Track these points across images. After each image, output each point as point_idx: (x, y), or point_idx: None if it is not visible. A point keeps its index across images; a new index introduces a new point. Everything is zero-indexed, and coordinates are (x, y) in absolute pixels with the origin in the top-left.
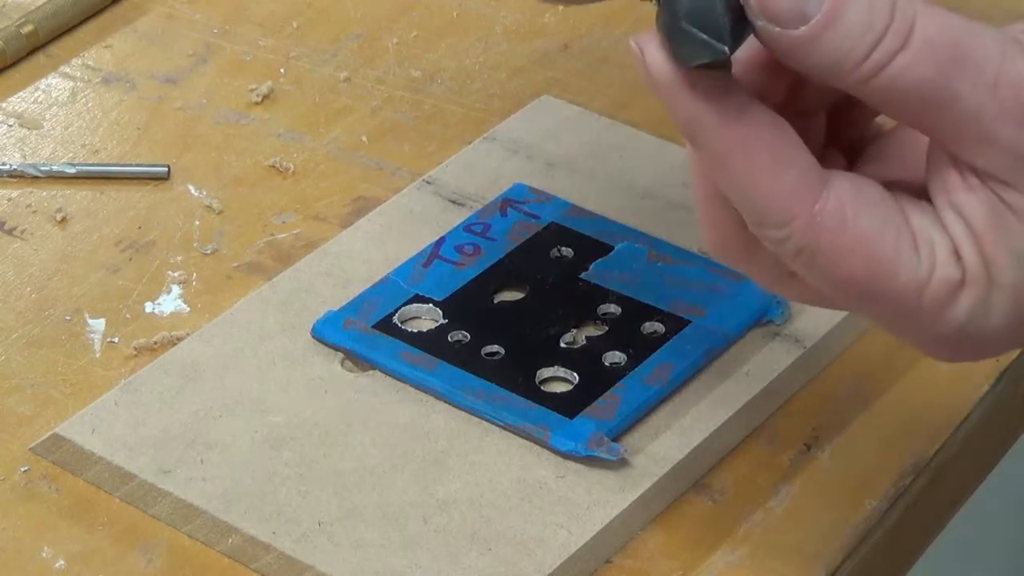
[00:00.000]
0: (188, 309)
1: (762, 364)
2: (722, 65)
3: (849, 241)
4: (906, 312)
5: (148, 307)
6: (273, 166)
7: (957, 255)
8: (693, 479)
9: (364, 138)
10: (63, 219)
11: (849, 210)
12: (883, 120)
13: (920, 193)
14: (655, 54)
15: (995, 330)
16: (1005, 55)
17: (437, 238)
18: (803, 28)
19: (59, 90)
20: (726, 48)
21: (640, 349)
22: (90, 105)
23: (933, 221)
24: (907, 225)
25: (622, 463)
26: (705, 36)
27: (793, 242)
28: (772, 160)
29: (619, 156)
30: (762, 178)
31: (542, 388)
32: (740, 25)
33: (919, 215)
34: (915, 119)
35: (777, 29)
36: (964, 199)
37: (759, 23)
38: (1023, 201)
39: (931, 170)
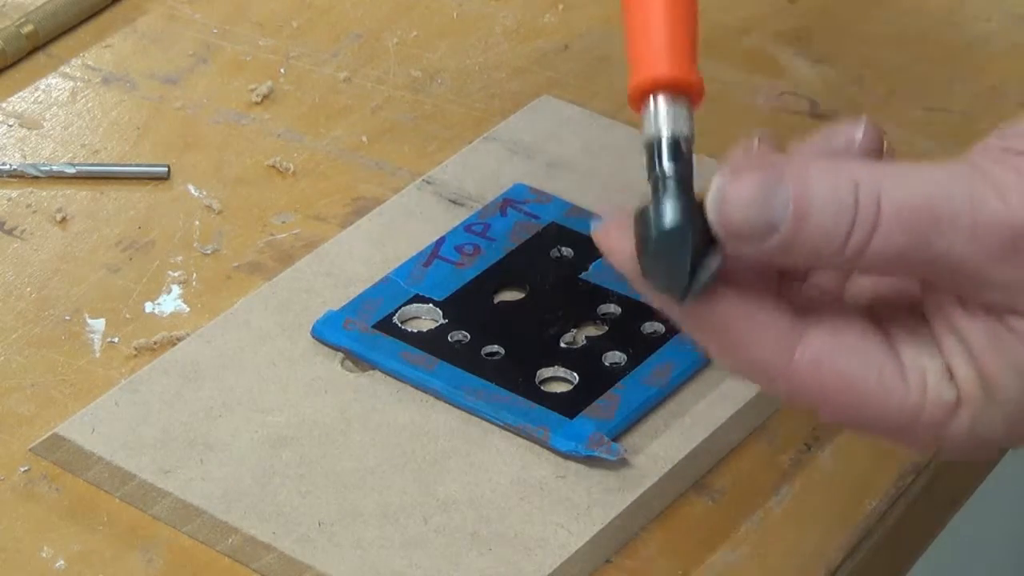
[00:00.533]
0: (188, 309)
1: None
2: None
3: (831, 385)
4: (906, 435)
5: (148, 307)
6: (273, 166)
7: (950, 374)
8: (693, 479)
9: (364, 138)
10: (63, 219)
11: (825, 358)
12: None
13: (918, 303)
14: (619, 243)
15: (998, 438)
16: (975, 199)
17: (437, 238)
18: (775, 237)
19: (59, 90)
20: (681, 298)
21: (640, 349)
22: (90, 105)
23: (925, 346)
24: (893, 358)
25: (622, 463)
26: (666, 279)
27: (781, 391)
28: (743, 335)
29: (619, 156)
30: (736, 351)
31: (542, 388)
32: (709, 256)
33: (909, 342)
34: (905, 275)
35: (757, 245)
36: (963, 324)
37: (736, 246)
38: (1022, 323)
39: (927, 295)
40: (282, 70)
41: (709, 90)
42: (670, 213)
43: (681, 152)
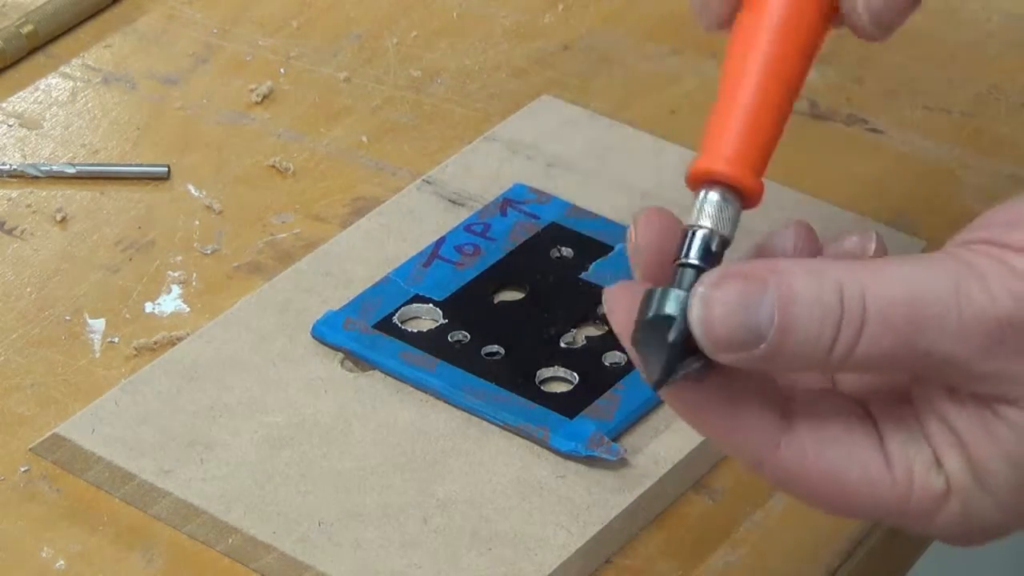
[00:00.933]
0: (188, 309)
1: None
2: None
3: (815, 477)
4: (896, 522)
5: (148, 307)
6: (273, 166)
7: (939, 464)
8: (693, 479)
9: (364, 138)
10: (63, 219)
11: (810, 451)
12: None
13: (906, 392)
14: (621, 307)
15: (994, 524)
16: (960, 294)
17: (437, 238)
18: (762, 346)
19: (59, 90)
20: (654, 386)
21: None
22: (90, 105)
23: (912, 435)
24: (878, 449)
25: (622, 463)
26: (645, 363)
27: (767, 477)
28: (726, 426)
29: (619, 156)
30: (720, 438)
31: (542, 388)
32: (697, 356)
33: (897, 433)
34: (893, 373)
35: (743, 355)
36: (951, 413)
37: (721, 356)
38: (1014, 413)
39: (914, 385)
40: (282, 70)
41: (707, 88)
42: (668, 303)
43: (711, 250)
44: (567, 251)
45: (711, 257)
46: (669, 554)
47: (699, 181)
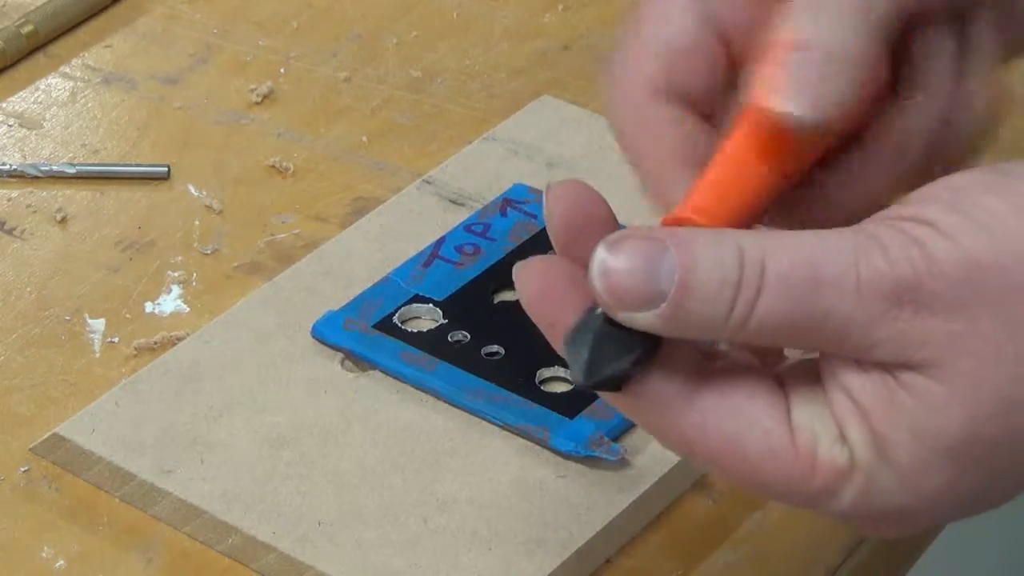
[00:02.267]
0: (188, 309)
1: None
2: None
3: (716, 447)
4: (801, 500)
5: (148, 307)
6: (273, 166)
7: (843, 438)
8: (693, 479)
9: (364, 138)
10: (63, 219)
11: (710, 421)
12: None
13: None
14: (534, 291)
15: (898, 506)
16: (859, 258)
17: (437, 238)
18: (662, 306)
19: (59, 90)
20: (581, 388)
21: None
22: (90, 105)
23: (818, 408)
24: (781, 421)
25: (622, 463)
26: (575, 364)
27: (671, 445)
28: (630, 389)
29: (619, 156)
30: (623, 402)
31: (542, 388)
32: (623, 357)
33: (804, 405)
34: (793, 344)
35: (643, 314)
36: (852, 379)
37: (622, 315)
38: (918, 379)
39: (822, 359)
40: (282, 70)
41: None
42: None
43: None
44: None
45: None
46: (669, 554)
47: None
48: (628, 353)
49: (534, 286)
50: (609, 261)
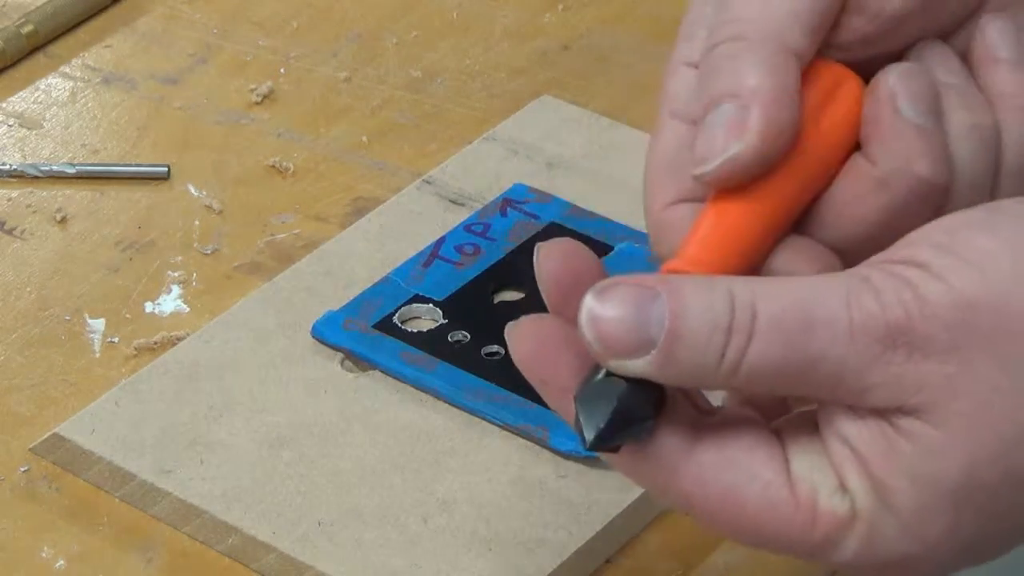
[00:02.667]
0: (188, 309)
1: None
2: None
3: (715, 499)
4: (804, 552)
5: (148, 307)
6: (273, 166)
7: (843, 488)
8: None
9: (364, 138)
10: (63, 219)
11: (708, 474)
12: None
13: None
14: (526, 352)
15: (901, 555)
16: (851, 302)
17: (437, 238)
18: (652, 353)
19: (59, 90)
20: (589, 448)
21: None
22: (90, 105)
23: (817, 458)
24: (780, 473)
25: None
26: (587, 426)
27: (674, 504)
28: (629, 451)
29: (619, 156)
30: (624, 463)
31: None
32: (634, 425)
33: (802, 456)
34: (786, 390)
35: (633, 362)
36: (849, 427)
37: (612, 363)
38: (915, 424)
39: (819, 409)
40: (282, 70)
41: None
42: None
43: None
44: None
45: None
46: (669, 554)
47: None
48: (640, 420)
49: (526, 346)
50: (596, 309)
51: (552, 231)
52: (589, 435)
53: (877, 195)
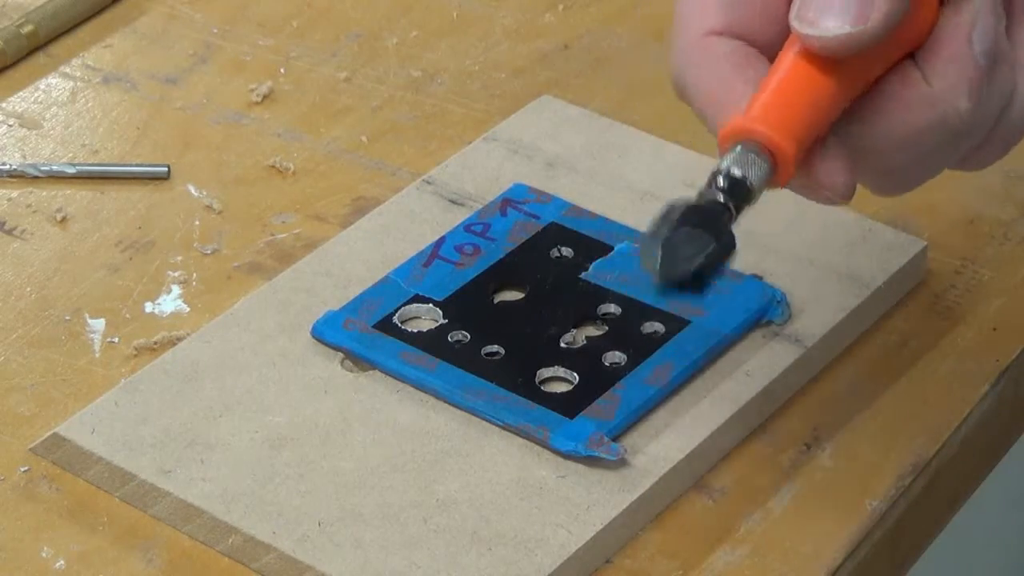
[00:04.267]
0: (188, 309)
1: (762, 364)
2: None
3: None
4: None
5: (148, 307)
6: (273, 166)
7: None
8: (693, 479)
9: (364, 138)
10: (63, 219)
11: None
12: None
13: None
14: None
15: None
16: None
17: (437, 238)
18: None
19: (59, 90)
20: (658, 280)
21: (640, 349)
22: (90, 105)
23: None
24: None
25: (622, 463)
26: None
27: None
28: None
29: (619, 156)
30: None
31: (542, 388)
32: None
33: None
34: None
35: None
36: None
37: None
38: None
39: None
40: (282, 70)
41: None
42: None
43: (721, 185)
44: (567, 251)
45: (734, 195)
46: (669, 554)
47: (726, 139)
48: (702, 251)
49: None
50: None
51: (552, 231)
52: (654, 272)
53: (922, 111)
